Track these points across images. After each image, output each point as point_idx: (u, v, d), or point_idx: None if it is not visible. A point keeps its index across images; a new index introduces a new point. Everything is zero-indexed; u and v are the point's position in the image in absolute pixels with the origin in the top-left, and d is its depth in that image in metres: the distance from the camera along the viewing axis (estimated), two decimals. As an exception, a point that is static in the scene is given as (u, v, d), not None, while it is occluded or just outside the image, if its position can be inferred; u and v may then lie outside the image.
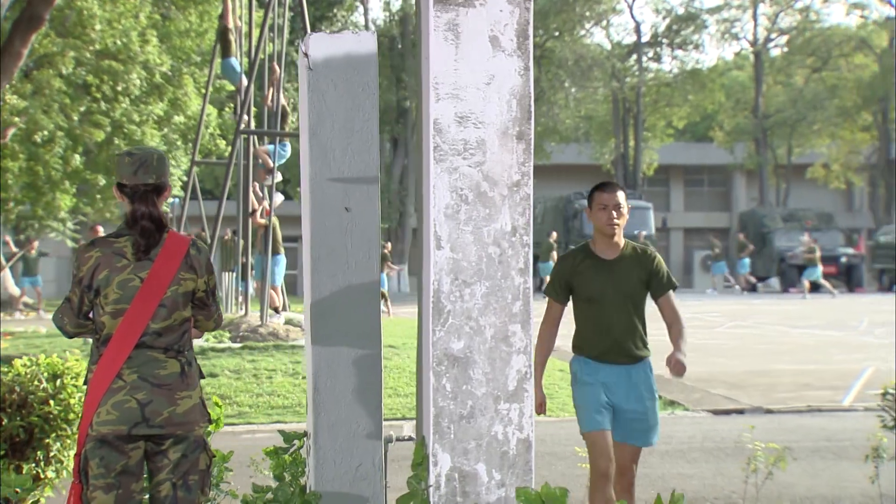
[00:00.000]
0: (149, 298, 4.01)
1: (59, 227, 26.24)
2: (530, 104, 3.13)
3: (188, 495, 4.06)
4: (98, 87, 19.87)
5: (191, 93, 22.19)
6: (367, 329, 4.31)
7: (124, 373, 4.01)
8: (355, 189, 4.30)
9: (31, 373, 6.73)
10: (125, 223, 4.14)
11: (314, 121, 4.27)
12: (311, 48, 4.27)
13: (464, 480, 3.11)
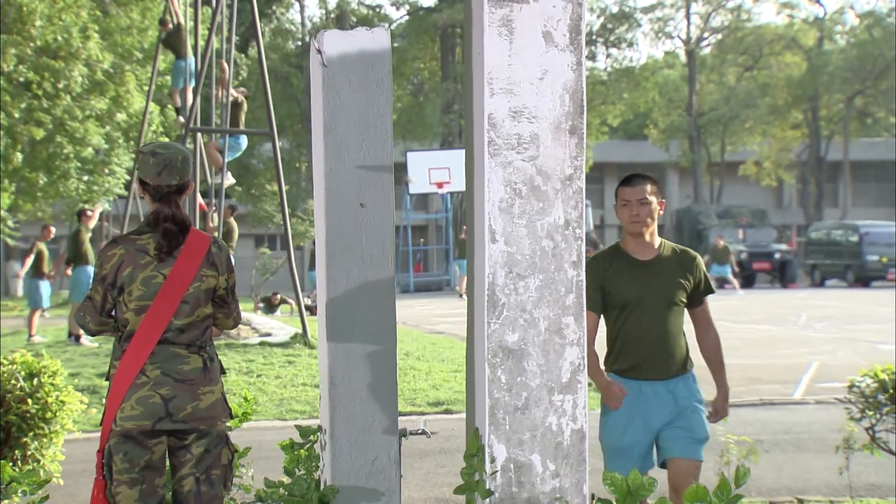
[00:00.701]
0: (172, 295, 4.03)
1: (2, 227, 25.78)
2: (583, 99, 3.19)
3: (211, 490, 4.09)
4: (39, 84, 19.54)
5: (133, 90, 21.93)
6: (382, 325, 4.35)
7: (147, 369, 4.03)
8: (370, 185, 4.34)
9: (7, 371, 6.66)
10: (147, 222, 4.14)
11: (329, 117, 4.30)
12: (325, 45, 4.30)
13: (519, 471, 3.16)
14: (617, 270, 4.89)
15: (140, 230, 4.15)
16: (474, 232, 3.19)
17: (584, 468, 3.23)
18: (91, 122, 20.87)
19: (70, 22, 19.02)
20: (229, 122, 16.54)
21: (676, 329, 4.96)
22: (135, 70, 22.45)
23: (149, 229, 4.13)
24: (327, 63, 4.28)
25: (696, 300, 5.06)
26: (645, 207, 4.86)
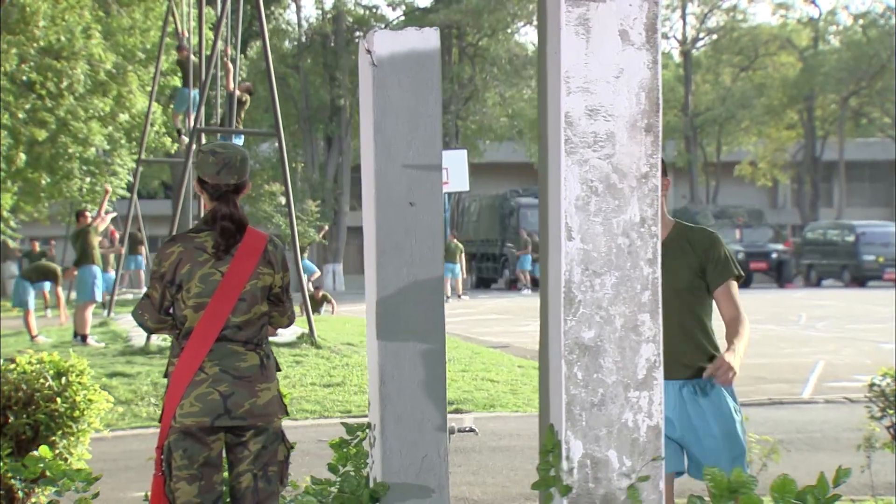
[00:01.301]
0: (229, 292, 4.06)
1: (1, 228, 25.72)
2: (658, 97, 3.22)
3: (268, 486, 4.13)
4: (42, 84, 19.53)
5: (136, 90, 21.93)
6: (431, 323, 4.39)
7: (206, 365, 4.07)
8: (419, 184, 4.37)
9: (36, 370, 6.68)
10: (204, 220, 4.17)
11: (378, 116, 4.33)
12: (376, 45, 4.34)
13: (595, 467, 3.19)
14: None
15: (198, 228, 4.19)
16: (548, 230, 3.23)
17: (661, 464, 3.26)
18: (94, 122, 20.87)
19: (73, 22, 19.02)
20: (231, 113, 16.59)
21: (689, 320, 4.34)
22: (137, 70, 22.46)
23: (206, 227, 4.17)
24: (377, 63, 4.31)
25: (712, 282, 4.40)
26: None
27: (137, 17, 22.37)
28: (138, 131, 22.23)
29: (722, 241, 4.46)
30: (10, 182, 20.84)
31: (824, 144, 52.68)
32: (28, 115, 19.82)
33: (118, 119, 21.79)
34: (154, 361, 13.83)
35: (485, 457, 8.92)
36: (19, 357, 6.96)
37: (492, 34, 42.67)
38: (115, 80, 21.54)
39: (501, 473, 8.36)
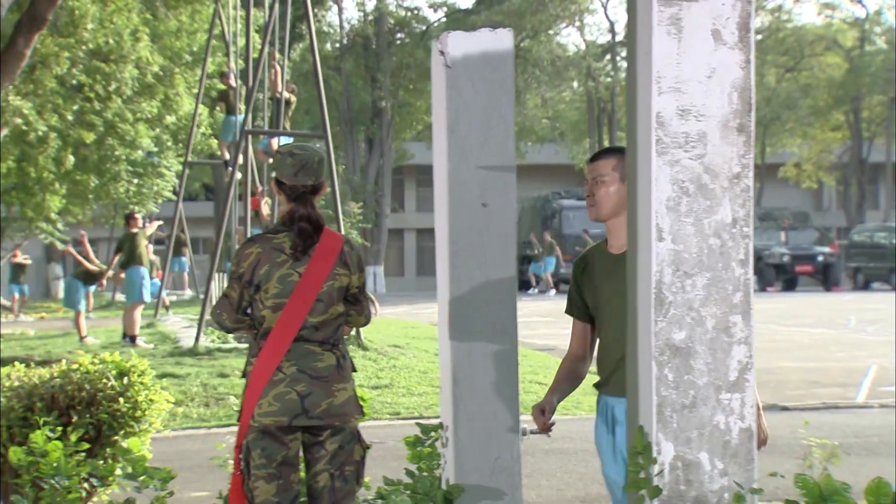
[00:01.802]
0: (307, 293, 4.11)
1: (49, 229, 26.07)
2: (751, 97, 3.22)
3: (345, 486, 4.17)
4: (91, 86, 19.77)
5: (182, 92, 22.15)
6: (504, 323, 4.40)
7: (284, 365, 4.11)
8: (492, 185, 4.39)
9: (99, 370, 6.75)
10: (282, 221, 4.22)
11: (452, 118, 4.35)
12: (449, 46, 4.36)
13: (687, 469, 3.19)
14: (591, 269, 4.16)
15: (276, 229, 4.24)
16: (638, 230, 3.23)
17: (753, 467, 3.26)
18: (141, 124, 21.10)
19: (121, 25, 19.23)
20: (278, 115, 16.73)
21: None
22: (184, 73, 22.67)
23: (284, 228, 4.22)
24: (451, 64, 4.33)
25: None
26: (600, 187, 4.03)
27: (184, 19, 22.59)
28: (184, 133, 22.43)
29: None
30: (59, 184, 21.10)
31: (871, 146, 52.16)
32: (76, 118, 20.06)
33: (165, 121, 22.02)
34: (203, 363, 13.93)
35: (538, 459, 8.92)
36: (81, 357, 7.04)
37: (534, 35, 42.61)
38: (162, 83, 21.77)
39: (556, 476, 8.36)
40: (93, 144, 20.66)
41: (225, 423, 11.00)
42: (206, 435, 10.54)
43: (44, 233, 27.46)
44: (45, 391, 6.51)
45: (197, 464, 8.38)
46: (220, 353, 14.62)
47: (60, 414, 6.32)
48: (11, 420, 6.22)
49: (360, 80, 44.96)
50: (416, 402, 12.09)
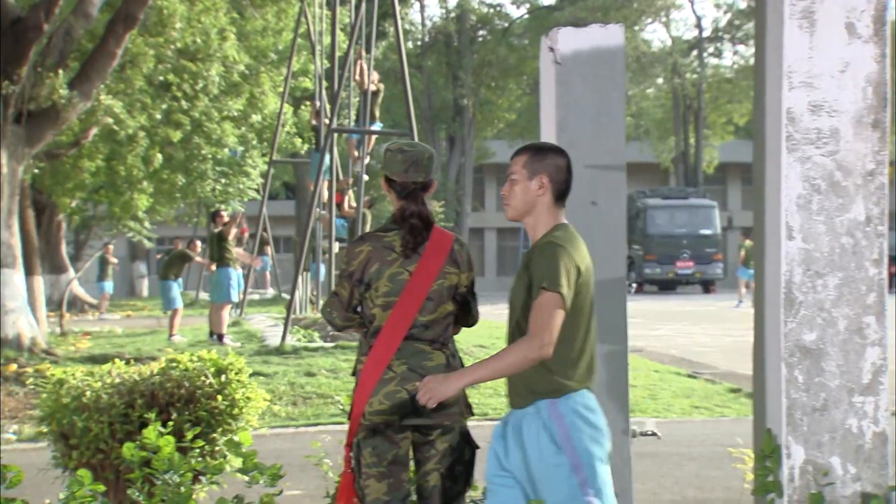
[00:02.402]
0: (417, 291, 4.13)
1: (136, 227, 26.57)
2: (886, 91, 3.17)
3: (454, 486, 4.18)
4: (178, 85, 20.10)
5: (268, 91, 22.41)
6: (614, 324, 4.38)
7: (394, 364, 4.14)
8: (602, 182, 4.38)
9: (197, 368, 6.83)
10: (393, 219, 4.24)
11: (562, 114, 4.34)
12: (560, 42, 4.35)
13: (818, 473, 3.15)
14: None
15: (386, 227, 4.27)
16: (765, 229, 3.19)
17: (887, 472, 3.20)
18: (227, 123, 21.39)
19: (209, 24, 19.51)
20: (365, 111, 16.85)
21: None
22: (269, 72, 22.94)
23: (395, 226, 4.24)
24: (561, 60, 4.33)
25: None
26: (511, 185, 3.92)
27: (270, 18, 22.85)
28: (269, 132, 22.69)
29: (551, 249, 3.74)
30: (147, 182, 21.48)
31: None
32: (164, 117, 20.41)
33: (250, 120, 22.30)
34: (290, 361, 14.06)
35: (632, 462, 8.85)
36: (180, 355, 7.14)
37: (618, 32, 42.29)
38: (248, 82, 22.04)
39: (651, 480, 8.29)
40: (179, 143, 20.99)
41: (313, 421, 11.11)
42: (295, 434, 10.64)
43: (131, 231, 27.98)
44: (145, 388, 6.61)
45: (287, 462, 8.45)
46: (306, 351, 14.76)
47: (160, 411, 6.41)
48: (113, 416, 6.32)
49: (441, 77, 45.10)
50: (503, 402, 12.05)
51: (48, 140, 15.57)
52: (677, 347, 17.55)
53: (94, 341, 17.86)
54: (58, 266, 27.15)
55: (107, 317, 25.48)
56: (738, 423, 10.82)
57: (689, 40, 51.07)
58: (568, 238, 3.78)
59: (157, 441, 4.87)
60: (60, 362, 13.77)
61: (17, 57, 13.94)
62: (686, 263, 36.58)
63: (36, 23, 13.96)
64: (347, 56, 16.20)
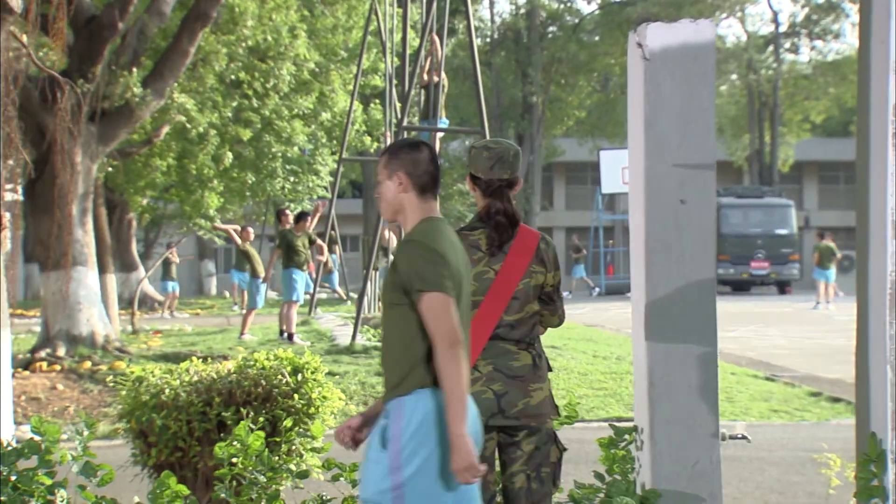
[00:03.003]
0: (502, 291, 4.12)
1: (207, 226, 26.85)
2: None
3: (541, 487, 4.17)
4: (249, 83, 20.30)
5: (337, 89, 22.54)
6: (703, 324, 4.34)
7: (480, 364, 4.14)
8: (691, 181, 4.34)
9: (274, 367, 6.88)
10: (478, 217, 4.24)
11: (649, 112, 4.31)
12: (648, 38, 4.33)
13: (925, 480, 3.10)
14: None
15: (472, 225, 4.27)
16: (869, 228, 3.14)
17: None
18: (297, 121, 21.54)
19: (279, 22, 19.68)
20: (434, 102, 16.86)
21: (391, 337, 3.77)
22: (339, 69, 23.07)
23: (480, 224, 4.24)
24: (649, 56, 4.30)
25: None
26: (378, 188, 3.94)
27: (340, 16, 22.99)
28: (338, 130, 22.80)
29: (409, 249, 3.72)
30: (217, 181, 21.70)
31: None
32: (234, 115, 20.62)
33: (320, 118, 22.43)
34: (360, 361, 14.11)
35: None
36: (256, 354, 7.20)
37: (692, 27, 41.86)
38: (318, 79, 22.18)
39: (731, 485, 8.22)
40: (249, 141, 21.20)
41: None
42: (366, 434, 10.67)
43: (202, 229, 28.30)
44: (222, 386, 6.67)
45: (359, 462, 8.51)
46: (376, 351, 14.78)
47: (237, 409, 6.48)
48: (191, 415, 6.39)
49: (510, 74, 45.02)
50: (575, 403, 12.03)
51: (121, 138, 15.79)
52: (754, 350, 17.35)
53: (164, 339, 18.10)
54: (128, 264, 27.57)
55: (177, 315, 25.82)
56: (819, 428, 10.68)
57: (764, 35, 50.42)
58: (429, 230, 3.75)
59: (246, 438, 4.92)
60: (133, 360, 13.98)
61: (91, 55, 14.17)
62: (761, 264, 36.14)
63: (111, 21, 14.18)
64: (418, 53, 16.22)
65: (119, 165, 20.23)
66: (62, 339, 14.35)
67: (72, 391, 12.54)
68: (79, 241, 14.22)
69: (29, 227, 14.77)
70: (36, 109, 13.38)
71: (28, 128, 12.30)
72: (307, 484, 6.32)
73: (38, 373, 13.28)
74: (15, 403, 10.49)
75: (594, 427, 10.74)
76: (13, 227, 7.63)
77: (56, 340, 14.31)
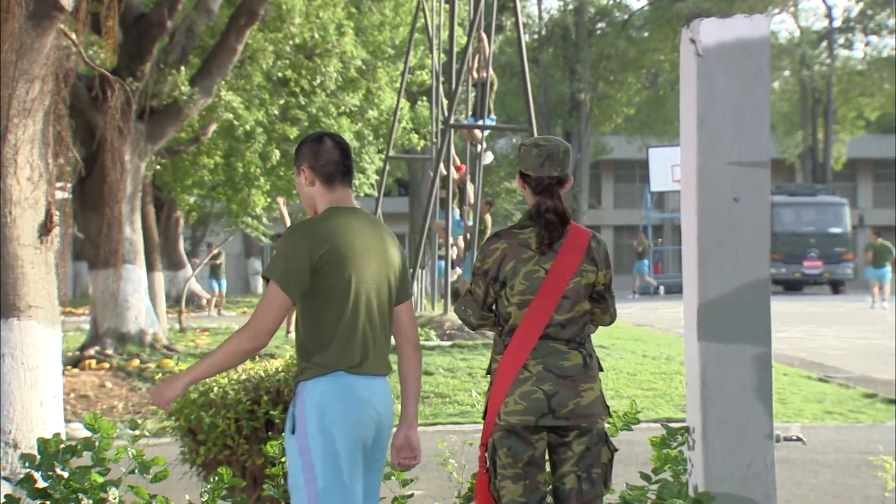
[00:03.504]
0: (553, 290, 4.12)
1: (253, 224, 27.07)
2: None
3: (592, 489, 4.16)
4: (296, 81, 20.41)
5: (384, 86, 22.58)
6: (757, 324, 4.32)
7: (530, 364, 4.14)
8: (744, 179, 4.32)
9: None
10: (528, 215, 4.24)
11: (703, 108, 4.30)
12: (702, 34, 4.32)
13: None
14: None
15: (521, 224, 4.27)
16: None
17: None
18: (343, 118, 21.61)
19: (327, 19, 19.78)
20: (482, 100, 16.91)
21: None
22: (386, 67, 23.12)
23: (530, 223, 4.23)
24: (702, 52, 4.29)
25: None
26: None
27: (388, 13, 23.04)
28: (385, 128, 22.87)
29: (283, 237, 3.98)
30: (263, 179, 21.84)
31: None
32: (281, 113, 20.74)
33: (367, 115, 22.49)
34: (413, 359, 14.15)
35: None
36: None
37: (743, 22, 41.54)
38: (365, 77, 22.25)
39: (783, 487, 8.15)
40: (296, 139, 21.32)
41: (431, 421, 11.18)
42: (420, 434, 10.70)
43: (248, 227, 28.52)
44: (270, 385, 6.70)
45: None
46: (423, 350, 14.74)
47: (285, 408, 6.52)
48: (240, 413, 6.44)
49: (558, 71, 44.94)
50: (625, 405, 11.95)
51: (170, 136, 15.96)
52: (807, 350, 17.20)
53: (211, 337, 18.27)
54: (175, 262, 27.84)
55: (224, 314, 26.03)
56: (874, 430, 10.57)
57: (818, 31, 49.90)
58: (309, 221, 3.94)
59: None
60: (181, 358, 14.12)
61: (140, 54, 14.34)
62: (814, 263, 35.81)
63: (159, 19, 14.34)
64: (465, 50, 16.24)
65: (167, 164, 20.43)
66: (111, 336, 14.53)
67: (120, 389, 12.70)
68: (127, 240, 14.39)
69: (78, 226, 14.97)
70: (85, 108, 13.56)
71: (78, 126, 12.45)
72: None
73: (88, 370, 13.46)
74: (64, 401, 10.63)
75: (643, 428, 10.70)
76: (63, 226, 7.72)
77: (105, 338, 14.49)
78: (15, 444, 6.49)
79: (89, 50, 13.41)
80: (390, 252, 4.05)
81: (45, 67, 7.06)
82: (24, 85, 6.90)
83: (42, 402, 6.74)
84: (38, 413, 6.67)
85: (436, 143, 18.22)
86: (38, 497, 4.93)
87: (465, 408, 11.85)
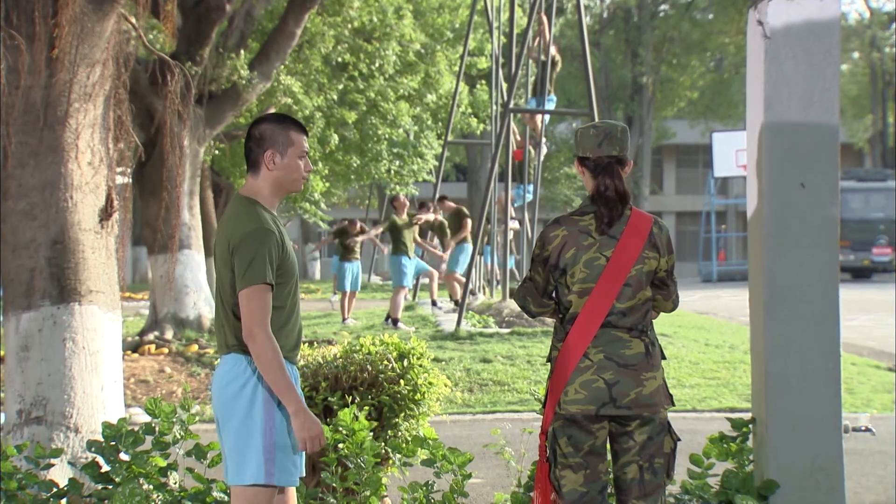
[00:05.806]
0: (614, 277, 4.09)
1: (312, 209, 27.18)
2: None
3: (654, 479, 4.14)
4: (355, 65, 20.45)
5: (443, 70, 22.56)
6: (824, 311, 4.27)
7: (591, 352, 4.11)
8: (812, 164, 4.25)
9: (380, 352, 6.93)
10: (589, 199, 4.22)
11: (770, 92, 4.26)
12: (769, 16, 4.27)
13: None
14: None
15: (582, 210, 4.24)
16: None
17: None
18: (402, 102, 21.63)
19: (385, 2, 19.80)
20: (542, 82, 16.85)
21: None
22: (445, 50, 23.09)
23: (591, 209, 4.21)
24: (770, 34, 4.24)
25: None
26: None
27: (447, -5, 23.07)
28: (444, 112, 22.84)
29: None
30: (322, 164, 21.91)
31: None
32: (339, 97, 20.80)
33: (425, 100, 22.49)
34: (465, 347, 14.16)
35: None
36: (362, 339, 7.27)
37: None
38: (423, 61, 22.25)
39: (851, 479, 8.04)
40: (354, 124, 21.37)
41: (490, 409, 11.18)
42: (472, 421, 10.72)
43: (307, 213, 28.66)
44: (328, 371, 6.74)
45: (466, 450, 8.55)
46: (481, 337, 14.81)
47: (343, 395, 6.55)
48: (297, 399, 6.47)
49: (619, 54, 44.65)
50: (688, 394, 11.91)
51: (228, 121, 16.08)
52: (876, 339, 16.96)
53: (271, 323, 18.37)
54: (234, 248, 27.96)
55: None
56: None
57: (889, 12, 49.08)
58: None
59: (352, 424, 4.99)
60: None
61: (199, 38, 14.45)
62: (883, 250, 35.29)
63: (218, 3, 14.44)
64: (526, 33, 16.17)
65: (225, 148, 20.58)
66: (170, 322, 14.70)
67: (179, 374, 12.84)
68: (186, 225, 14.54)
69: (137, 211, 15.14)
70: (145, 92, 13.70)
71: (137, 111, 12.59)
72: (412, 471, 6.36)
73: (147, 356, 13.63)
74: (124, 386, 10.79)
75: (706, 418, 10.63)
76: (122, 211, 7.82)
77: (164, 323, 14.66)
78: (76, 429, 6.58)
79: (149, 34, 13.56)
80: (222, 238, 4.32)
81: (106, 52, 7.14)
82: (85, 69, 6.99)
83: (103, 386, 6.82)
84: (98, 398, 6.76)
85: (496, 128, 18.21)
86: (100, 481, 5.01)
87: (523, 395, 11.83)
